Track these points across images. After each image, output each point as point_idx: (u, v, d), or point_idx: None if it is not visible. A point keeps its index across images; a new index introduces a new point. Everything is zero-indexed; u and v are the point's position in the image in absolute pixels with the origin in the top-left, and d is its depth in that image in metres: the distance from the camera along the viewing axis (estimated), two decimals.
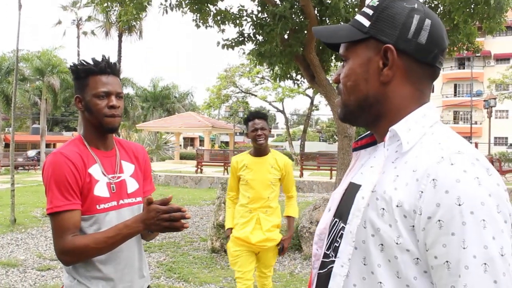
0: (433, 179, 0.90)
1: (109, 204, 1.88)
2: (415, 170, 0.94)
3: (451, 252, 0.86)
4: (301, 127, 45.70)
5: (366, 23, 1.05)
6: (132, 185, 2.01)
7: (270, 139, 70.01)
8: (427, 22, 1.02)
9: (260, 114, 3.84)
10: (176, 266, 6.20)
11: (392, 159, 1.01)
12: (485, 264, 0.84)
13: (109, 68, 1.91)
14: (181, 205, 1.68)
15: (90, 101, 1.89)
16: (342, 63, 1.13)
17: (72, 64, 1.94)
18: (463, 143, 0.97)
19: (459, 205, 0.86)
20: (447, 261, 0.87)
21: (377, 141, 1.14)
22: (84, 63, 1.92)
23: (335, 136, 47.53)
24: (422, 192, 0.90)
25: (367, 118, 1.10)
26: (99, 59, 1.93)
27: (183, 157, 32.96)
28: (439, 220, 0.87)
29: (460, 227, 0.85)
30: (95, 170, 1.90)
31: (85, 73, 1.89)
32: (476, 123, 44.31)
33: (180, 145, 38.53)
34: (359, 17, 1.08)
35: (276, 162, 3.85)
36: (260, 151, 3.86)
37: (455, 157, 0.91)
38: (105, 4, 8.75)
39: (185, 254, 6.92)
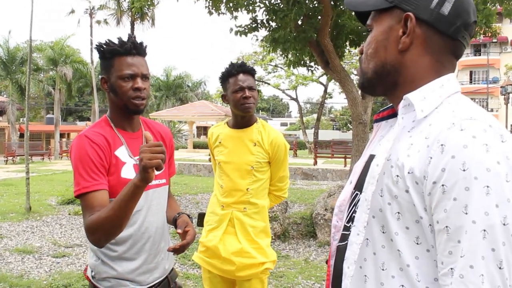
0: (442, 145, 0.89)
1: None
2: (427, 137, 0.94)
3: (451, 217, 0.85)
4: (315, 115, 45.48)
5: None
6: None
7: (283, 128, 68.13)
8: None
9: (245, 68, 2.66)
10: (190, 253, 6.16)
11: (408, 128, 1.02)
12: (484, 230, 0.82)
13: (134, 48, 1.84)
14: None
15: (115, 83, 1.84)
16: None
17: (97, 44, 1.87)
18: (479, 111, 0.95)
19: (464, 170, 0.85)
20: (446, 226, 0.86)
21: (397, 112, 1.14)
22: (110, 43, 1.86)
23: (348, 124, 47.34)
24: (431, 158, 0.90)
25: (385, 86, 1.11)
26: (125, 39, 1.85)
27: (196, 145, 33.14)
28: (443, 185, 0.87)
29: (463, 192, 0.84)
30: (122, 152, 1.86)
31: (110, 54, 1.84)
32: (492, 110, 43.72)
33: (194, 134, 38.61)
34: None
35: (261, 138, 2.61)
36: (243, 121, 2.66)
37: (466, 123, 0.90)
38: None
39: (198, 241, 6.87)
